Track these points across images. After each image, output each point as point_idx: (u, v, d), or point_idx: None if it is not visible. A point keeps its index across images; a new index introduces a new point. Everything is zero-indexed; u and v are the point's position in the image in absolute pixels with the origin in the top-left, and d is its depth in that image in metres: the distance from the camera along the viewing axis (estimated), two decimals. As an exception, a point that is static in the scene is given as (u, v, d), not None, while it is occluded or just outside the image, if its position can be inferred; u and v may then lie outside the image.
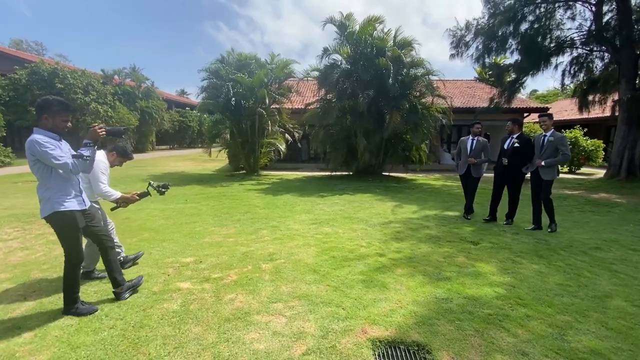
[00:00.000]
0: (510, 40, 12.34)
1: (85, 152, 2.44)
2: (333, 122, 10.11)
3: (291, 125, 12.65)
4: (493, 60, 17.24)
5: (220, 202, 7.05)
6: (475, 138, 5.58)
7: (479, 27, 13.33)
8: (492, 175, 5.60)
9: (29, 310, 2.64)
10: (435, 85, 10.66)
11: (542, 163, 4.68)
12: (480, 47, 12.83)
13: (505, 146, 5.19)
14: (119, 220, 5.38)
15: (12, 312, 2.62)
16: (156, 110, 25.17)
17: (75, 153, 2.46)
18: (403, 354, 2.20)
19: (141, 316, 2.55)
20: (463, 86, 20.08)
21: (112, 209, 3.36)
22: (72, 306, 2.58)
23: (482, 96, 17.57)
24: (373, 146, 10.18)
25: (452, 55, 14.67)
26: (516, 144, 5.03)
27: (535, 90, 46.15)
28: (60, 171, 2.43)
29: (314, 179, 11.14)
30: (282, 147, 11.76)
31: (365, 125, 9.76)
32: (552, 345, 2.23)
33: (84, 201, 2.65)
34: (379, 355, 2.16)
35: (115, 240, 3.32)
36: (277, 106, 12.29)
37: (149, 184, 3.49)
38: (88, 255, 3.11)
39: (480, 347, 2.22)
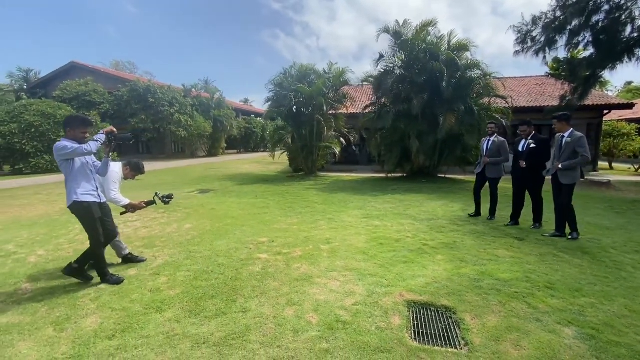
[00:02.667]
0: (583, 32, 11.50)
1: (97, 136, 3.02)
2: (387, 125, 10.59)
3: (346, 130, 13.42)
4: (570, 54, 15.93)
5: (284, 198, 8.08)
6: (491, 138, 5.59)
7: (547, 20, 12.63)
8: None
9: (160, 265, 3.77)
10: (493, 86, 10.49)
11: (560, 166, 4.46)
12: (544, 41, 12.17)
13: (520, 148, 5.06)
14: (207, 210, 6.67)
15: (150, 264, 3.77)
16: (226, 118, 28.04)
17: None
18: (432, 313, 2.76)
19: (235, 273, 3.49)
20: (532, 83, 18.80)
21: (122, 214, 3.81)
22: (104, 278, 3.24)
23: (553, 93, 16.32)
24: (427, 148, 10.40)
25: (517, 52, 13.99)
26: (532, 145, 4.91)
27: (629, 82, 40.39)
28: (78, 164, 3.02)
29: (369, 180, 11.71)
30: (337, 150, 12.58)
31: (419, 127, 10.06)
32: (567, 317, 2.60)
33: (99, 196, 3.21)
34: (412, 312, 2.76)
35: (119, 239, 3.77)
36: (334, 112, 13.15)
37: (155, 194, 3.87)
38: (114, 246, 3.71)
39: (500, 313, 2.68)
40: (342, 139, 13.41)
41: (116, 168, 3.66)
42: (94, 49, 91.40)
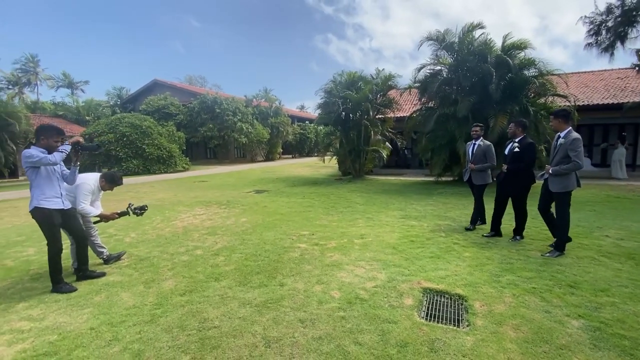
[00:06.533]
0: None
1: (62, 147, 3.11)
2: (434, 128, 10.56)
3: (393, 133, 13.58)
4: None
5: (328, 198, 8.66)
6: (477, 142, 5.27)
7: (626, 8, 11.37)
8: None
9: (220, 248, 4.58)
10: (554, 84, 9.83)
11: (550, 171, 3.95)
12: (613, 33, 11.02)
13: (506, 152, 4.66)
14: (260, 207, 7.53)
15: (212, 247, 4.62)
16: (282, 125, 29.76)
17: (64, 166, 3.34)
18: (445, 300, 3.05)
19: (277, 258, 4.14)
20: (611, 77, 16.79)
21: (95, 223, 3.99)
22: (55, 286, 3.28)
23: (637, 88, 14.45)
24: (477, 151, 10.12)
25: (589, 45, 12.82)
26: (516, 149, 4.48)
27: None
28: (43, 172, 3.12)
29: (416, 183, 11.72)
30: (385, 153, 12.80)
31: (467, 130, 9.84)
32: (579, 312, 2.69)
33: (62, 203, 3.25)
34: (426, 297, 3.08)
35: (97, 242, 3.95)
36: (381, 116, 13.42)
37: (129, 205, 4.09)
38: (72, 254, 3.66)
39: (510, 303, 2.87)
40: (388, 142, 13.59)
41: (91, 181, 3.74)
42: (166, 64, 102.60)
